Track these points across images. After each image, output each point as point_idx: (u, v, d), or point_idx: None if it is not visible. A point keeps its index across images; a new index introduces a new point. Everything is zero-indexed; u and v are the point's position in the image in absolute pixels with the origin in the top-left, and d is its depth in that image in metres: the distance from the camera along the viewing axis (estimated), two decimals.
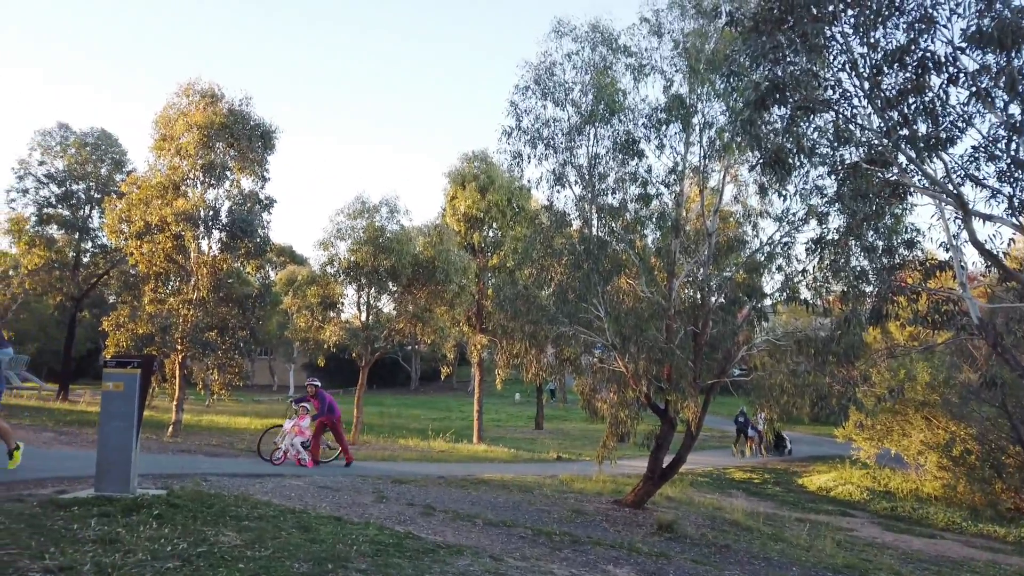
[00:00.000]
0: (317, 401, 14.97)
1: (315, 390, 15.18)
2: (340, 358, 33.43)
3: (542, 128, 12.92)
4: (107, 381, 8.02)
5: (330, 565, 5.78)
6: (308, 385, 15.57)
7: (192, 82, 21.40)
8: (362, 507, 9.37)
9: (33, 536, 5.57)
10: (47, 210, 38.86)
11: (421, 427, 30.18)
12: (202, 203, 20.82)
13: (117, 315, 20.73)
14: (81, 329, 46.30)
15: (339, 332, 24.48)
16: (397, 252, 22.41)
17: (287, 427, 14.38)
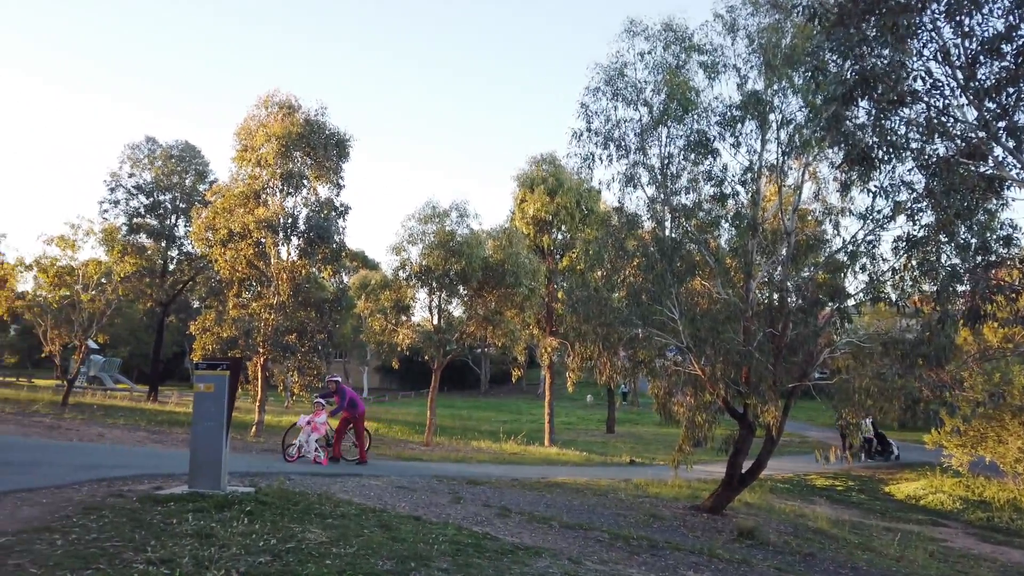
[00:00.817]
0: (338, 397, 14.76)
1: (336, 386, 14.99)
2: (413, 361, 33.96)
3: (613, 129, 12.84)
4: (198, 383, 8.39)
5: (412, 563, 5.89)
6: (328, 381, 15.45)
7: (271, 94, 22.16)
8: (439, 507, 9.49)
9: (135, 530, 5.88)
10: (137, 220, 40.92)
11: (492, 429, 30.37)
12: (281, 211, 21.52)
13: (203, 319, 21.61)
14: (168, 333, 48.56)
15: (412, 335, 24.86)
16: (467, 256, 22.59)
17: (301, 423, 14.34)
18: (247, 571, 5.00)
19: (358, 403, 14.85)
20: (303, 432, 14.05)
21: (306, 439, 13.99)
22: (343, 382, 15.40)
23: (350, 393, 14.81)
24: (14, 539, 5.35)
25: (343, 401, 14.55)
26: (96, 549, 5.20)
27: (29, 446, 11.92)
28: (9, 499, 6.88)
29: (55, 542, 5.34)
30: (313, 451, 13.96)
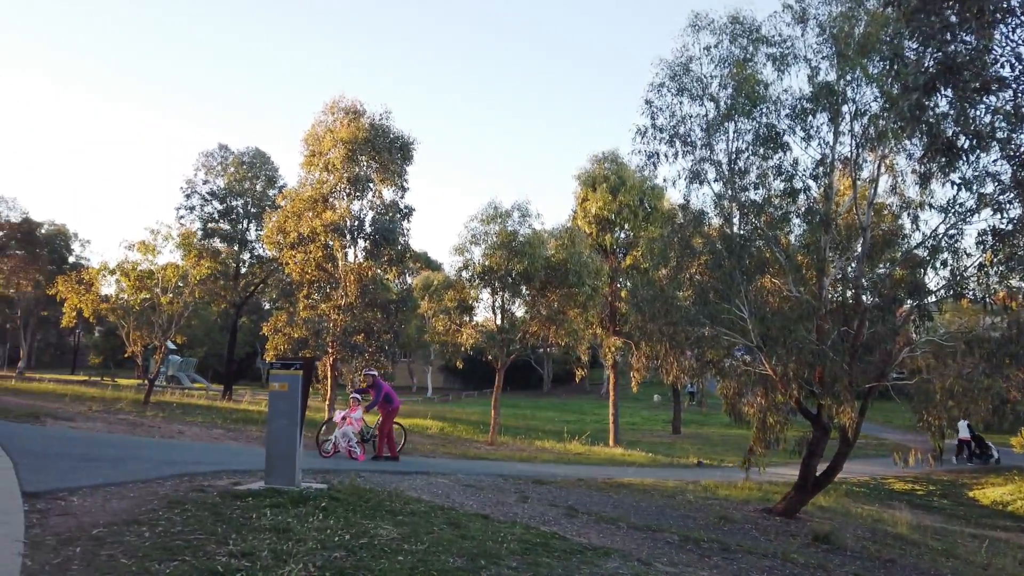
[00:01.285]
0: (374, 391, 14.54)
1: (372, 380, 14.74)
2: (476, 360, 34.23)
3: (678, 125, 12.64)
4: (273, 381, 8.62)
5: (483, 561, 5.93)
6: (365, 375, 15.29)
7: (337, 100, 22.69)
8: (506, 506, 9.53)
9: (216, 523, 6.09)
10: (211, 224, 42.48)
11: (556, 429, 30.31)
12: (348, 214, 22.01)
13: (275, 320, 22.28)
14: (241, 334, 50.22)
15: (475, 335, 25.03)
16: (529, 256, 22.62)
17: (337, 418, 14.19)
18: (323, 565, 5.12)
19: (393, 398, 14.68)
20: (339, 427, 13.98)
21: (341, 434, 13.87)
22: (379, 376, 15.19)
23: (386, 388, 14.65)
24: (106, 531, 5.61)
25: (378, 396, 14.40)
26: (181, 541, 5.41)
27: (115, 442, 12.50)
28: (100, 492, 7.23)
29: (143, 534, 5.58)
30: (347, 446, 13.80)
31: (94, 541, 5.28)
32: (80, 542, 5.23)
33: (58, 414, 15.36)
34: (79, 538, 5.34)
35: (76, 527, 5.69)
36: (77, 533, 5.48)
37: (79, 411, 17.09)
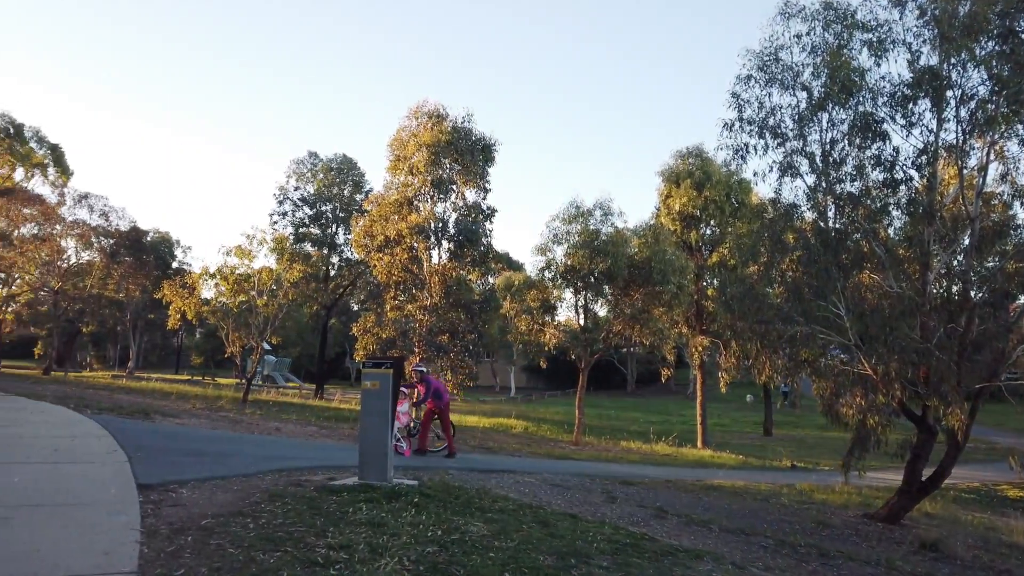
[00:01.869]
0: (423, 387, 14.07)
1: (420, 375, 14.29)
2: (559, 360, 34.18)
3: (767, 117, 12.25)
4: (365, 380, 8.85)
5: (573, 560, 5.91)
6: (413, 371, 14.79)
7: (420, 105, 23.15)
8: (594, 506, 9.48)
9: (315, 517, 6.30)
10: (302, 229, 44.08)
11: (641, 430, 29.93)
12: (432, 216, 22.42)
13: (364, 321, 22.92)
14: (331, 335, 51.90)
15: (558, 334, 25.01)
16: (612, 254, 22.43)
17: None
18: (417, 560, 5.22)
19: (443, 394, 14.32)
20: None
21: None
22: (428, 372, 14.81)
23: (435, 383, 14.32)
24: (213, 522, 5.89)
25: (428, 391, 13.99)
26: (283, 533, 5.62)
27: (218, 438, 13.11)
28: (207, 485, 7.60)
29: (248, 526, 5.82)
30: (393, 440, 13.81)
31: (203, 531, 5.56)
32: (191, 532, 5.51)
33: (165, 411, 16.24)
34: (190, 528, 5.63)
35: (186, 517, 6.00)
36: (188, 523, 5.78)
37: (184, 409, 18.03)
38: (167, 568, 4.59)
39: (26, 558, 4.54)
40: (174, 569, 4.58)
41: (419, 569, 5.02)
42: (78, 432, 9.98)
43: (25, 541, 4.88)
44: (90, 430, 10.48)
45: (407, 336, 22.06)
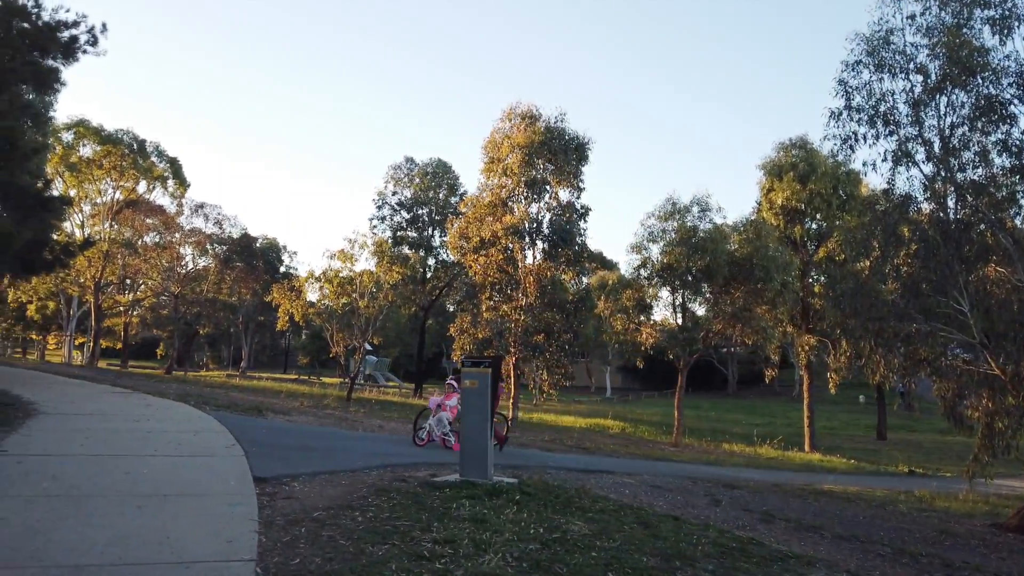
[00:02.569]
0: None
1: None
2: (656, 360, 33.63)
3: (878, 103, 11.62)
4: (464, 379, 8.97)
5: (677, 562, 5.80)
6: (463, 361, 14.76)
7: (513, 106, 23.33)
8: (697, 509, 9.25)
9: (419, 512, 6.44)
10: (400, 233, 45.31)
11: (744, 432, 29.02)
12: (526, 216, 22.54)
13: (460, 321, 23.29)
14: (428, 335, 53.01)
15: (655, 334, 24.62)
16: (711, 251, 21.89)
17: (432, 405, 13.24)
18: (520, 557, 5.24)
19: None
20: (433, 415, 13.12)
21: (436, 422, 13.01)
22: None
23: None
24: (324, 514, 6.12)
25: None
26: (390, 527, 5.78)
27: (325, 434, 13.63)
28: (317, 480, 7.91)
29: (356, 519, 6.02)
30: (441, 434, 12.94)
31: (315, 523, 5.79)
32: (304, 523, 5.75)
33: (276, 408, 17.03)
34: (303, 520, 5.88)
35: (299, 510, 6.26)
36: (301, 515, 6.03)
37: (293, 406, 18.85)
38: (284, 557, 4.81)
39: (159, 544, 4.86)
40: (290, 558, 4.79)
41: (522, 566, 5.05)
42: (199, 428, 10.59)
43: (157, 528, 5.23)
44: (209, 426, 11.12)
45: (503, 336, 22.26)
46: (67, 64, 13.69)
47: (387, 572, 4.59)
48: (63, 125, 37.45)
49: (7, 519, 5.20)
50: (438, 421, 13.02)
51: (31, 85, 14.09)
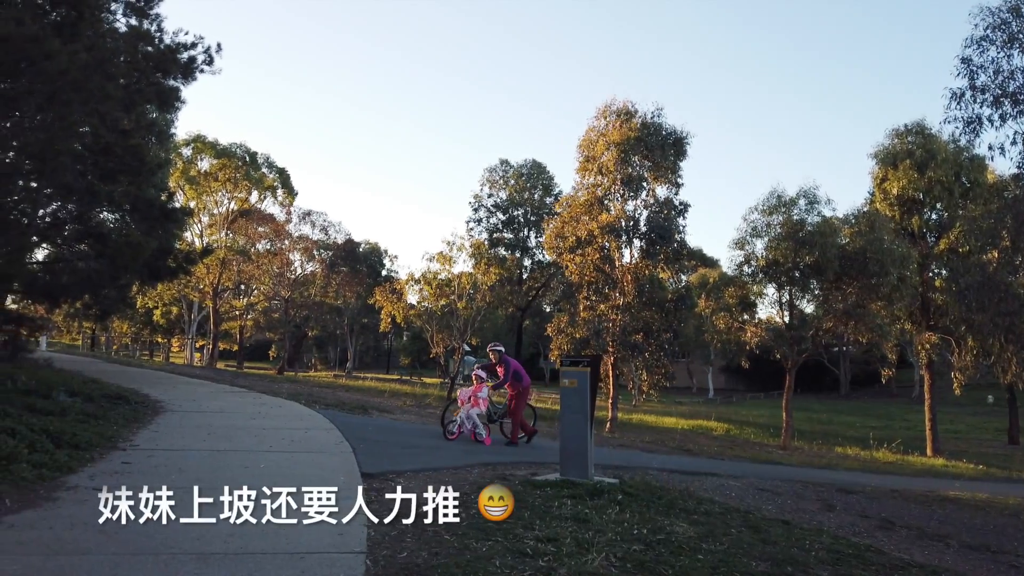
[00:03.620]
0: (502, 368, 12.75)
1: (499, 356, 12.92)
2: (761, 360, 32.52)
3: (1006, 82, 10.78)
4: (563, 378, 8.95)
5: (789, 568, 5.58)
6: (491, 350, 13.25)
7: (608, 103, 23.16)
8: (809, 513, 8.87)
9: (521, 510, 6.46)
10: (496, 234, 45.87)
11: (858, 435, 27.63)
12: (623, 214, 22.29)
13: (557, 321, 23.31)
14: (525, 336, 53.45)
15: (760, 333, 23.80)
16: (820, 245, 20.93)
17: (461, 397, 12.57)
18: (623, 557, 5.18)
19: (523, 376, 12.85)
20: (463, 408, 12.43)
21: (466, 415, 12.35)
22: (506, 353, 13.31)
23: (514, 364, 12.93)
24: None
25: (507, 374, 12.65)
26: (493, 524, 5.82)
27: (428, 432, 13.92)
28: (420, 476, 8.09)
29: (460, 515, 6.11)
30: (472, 427, 12.31)
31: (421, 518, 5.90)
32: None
33: (381, 407, 17.55)
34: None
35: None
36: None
37: (396, 405, 19.39)
38: (392, 550, 4.94)
39: (274, 534, 5.10)
40: (398, 552, 4.92)
41: (626, 566, 4.98)
42: (309, 425, 11.05)
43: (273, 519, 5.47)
44: (319, 423, 11.60)
45: (600, 336, 22.10)
46: (186, 83, 14.61)
47: (492, 568, 4.63)
48: (183, 141, 40.12)
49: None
50: (467, 415, 12.33)
51: (155, 104, 15.12)
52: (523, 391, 12.81)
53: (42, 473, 6.53)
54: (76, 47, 8.18)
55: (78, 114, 9.04)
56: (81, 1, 9.02)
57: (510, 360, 12.99)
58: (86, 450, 7.82)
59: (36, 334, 20.67)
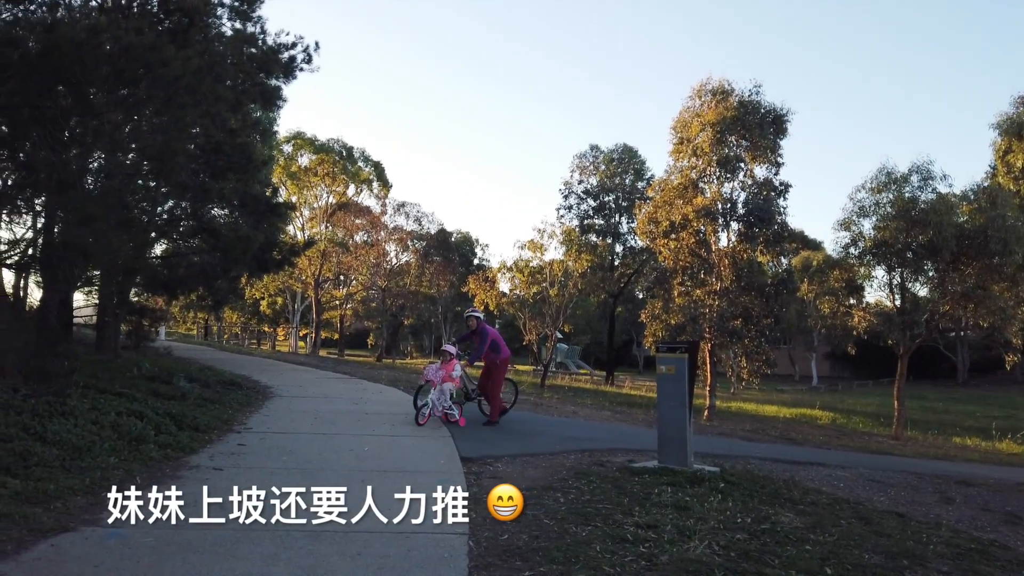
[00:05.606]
0: (478, 338, 11.21)
1: (476, 323, 11.29)
2: (869, 346, 30.97)
3: None
4: (660, 365, 8.81)
5: (905, 561, 5.32)
6: (469, 316, 11.61)
7: (703, 83, 22.52)
8: (925, 506, 8.42)
9: (620, 496, 6.44)
10: (587, 221, 45.59)
11: (979, 426, 25.96)
12: (719, 197, 21.67)
13: (651, 307, 22.96)
14: (618, 323, 52.93)
15: (869, 318, 22.65)
16: (935, 224, 19.66)
17: (430, 376, 10.74)
18: (727, 545, 5.07)
19: (501, 347, 11.34)
20: (433, 388, 10.62)
21: (438, 396, 10.52)
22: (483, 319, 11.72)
23: (493, 334, 11.42)
24: (527, 494, 6.29)
25: (482, 344, 11.11)
26: (592, 509, 5.83)
27: (522, 419, 14.00)
28: (518, 461, 8.19)
29: (559, 500, 6.15)
30: (444, 409, 10.48)
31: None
32: None
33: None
34: None
35: None
36: None
37: None
38: (493, 532, 5.03)
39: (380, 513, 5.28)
40: (499, 534, 5.00)
41: (730, 555, 4.87)
42: (409, 410, 11.35)
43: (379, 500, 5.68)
44: None
45: (696, 322, 21.61)
46: (287, 82, 15.23)
47: (592, 553, 4.63)
48: (284, 138, 41.84)
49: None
50: (440, 394, 10.53)
51: (259, 103, 15.84)
52: (501, 364, 11.33)
53: (167, 453, 7.01)
54: (189, 52, 8.67)
55: (192, 116, 9.59)
56: (192, 8, 9.54)
57: (488, 329, 11.45)
58: (205, 432, 8.34)
59: (156, 324, 22.18)
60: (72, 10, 9.98)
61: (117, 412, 7.87)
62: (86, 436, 6.77)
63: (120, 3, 11.13)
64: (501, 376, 11.46)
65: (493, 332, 11.47)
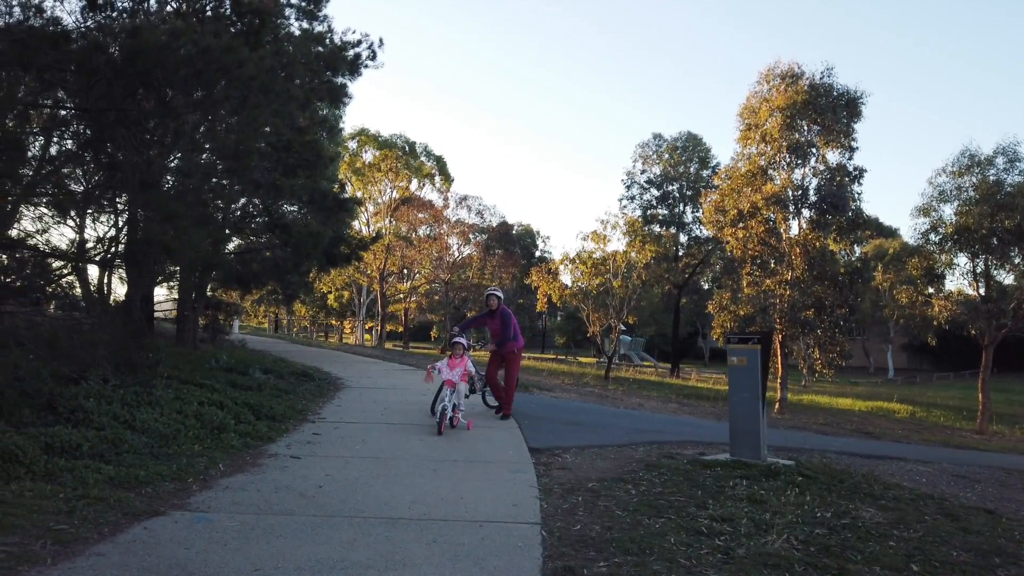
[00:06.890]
0: (500, 320, 9.98)
1: (498, 303, 10.09)
2: (949, 337, 29.66)
3: None
4: (731, 356, 8.62)
5: (996, 559, 5.07)
6: (490, 296, 10.30)
7: (772, 67, 21.93)
8: (1016, 503, 8.03)
9: (692, 488, 6.34)
10: (650, 211, 44.99)
11: None
12: (789, 184, 21.07)
13: (719, 298, 22.52)
14: (683, 314, 52.15)
15: (950, 307, 21.69)
16: (1022, 208, 18.68)
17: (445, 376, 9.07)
18: (806, 540, 4.94)
19: (519, 333, 10.34)
20: (447, 388, 9.03)
21: (456, 397, 9.00)
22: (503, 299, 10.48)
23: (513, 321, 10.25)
24: (598, 485, 6.29)
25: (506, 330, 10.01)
26: (664, 501, 5.76)
27: (588, 410, 14.01)
28: (586, 452, 8.16)
29: (629, 491, 6.10)
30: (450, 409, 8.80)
31: (591, 493, 5.96)
32: (580, 492, 5.96)
33: (540, 386, 17.86)
34: (578, 489, 6.09)
35: (573, 480, 6.50)
36: (576, 485, 6.26)
37: (556, 384, 19.66)
38: (565, 523, 5.02)
39: (454, 503, 5.37)
40: (571, 524, 4.99)
41: (809, 550, 4.74)
42: (475, 401, 11.44)
43: (451, 489, 5.77)
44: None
45: (767, 312, 21.09)
46: (352, 79, 15.50)
47: (667, 545, 4.58)
48: (349, 135, 42.65)
49: (333, 476, 6.05)
50: (457, 395, 9.03)
51: (326, 101, 16.16)
52: (519, 351, 10.40)
53: (247, 442, 7.24)
54: (263, 53, 8.91)
55: (264, 115, 9.85)
56: (263, 9, 9.79)
57: (510, 313, 10.28)
58: (281, 422, 8.59)
59: (231, 318, 22.97)
60: (150, 15, 10.39)
61: (199, 402, 8.18)
62: (172, 425, 7.06)
63: (194, 7, 11.52)
64: (518, 365, 10.50)
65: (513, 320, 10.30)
